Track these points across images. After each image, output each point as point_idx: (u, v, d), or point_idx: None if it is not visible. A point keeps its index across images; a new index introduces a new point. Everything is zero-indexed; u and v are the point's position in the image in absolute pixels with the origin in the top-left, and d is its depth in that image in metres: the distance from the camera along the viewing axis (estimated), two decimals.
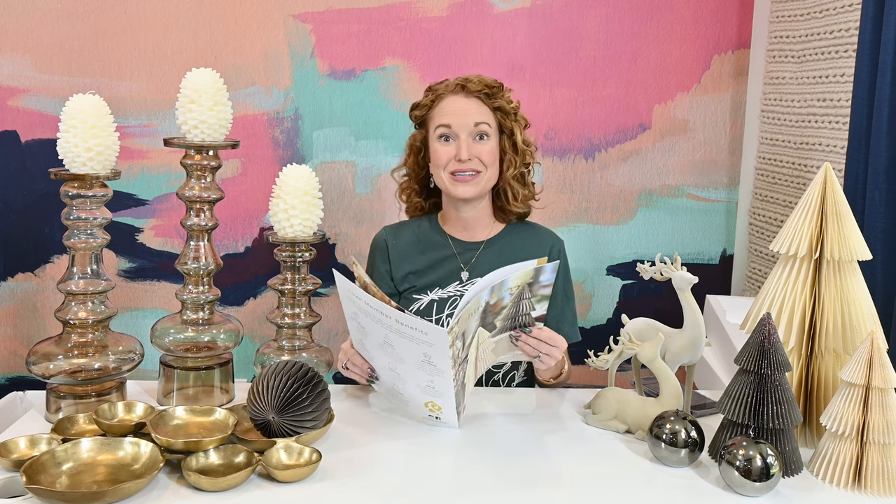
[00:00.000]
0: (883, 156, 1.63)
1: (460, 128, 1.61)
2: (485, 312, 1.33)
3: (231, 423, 1.28)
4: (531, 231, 1.75)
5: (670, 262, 1.40)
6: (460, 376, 1.33)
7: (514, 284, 1.34)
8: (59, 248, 2.27)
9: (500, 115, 1.65)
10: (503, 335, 1.41)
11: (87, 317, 1.44)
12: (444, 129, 1.62)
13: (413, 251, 1.71)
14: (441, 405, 1.35)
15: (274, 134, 2.31)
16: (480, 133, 1.62)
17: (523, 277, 1.34)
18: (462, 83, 1.63)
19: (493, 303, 1.33)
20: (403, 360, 1.32)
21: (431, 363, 1.28)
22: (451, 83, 1.65)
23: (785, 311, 1.34)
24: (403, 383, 1.36)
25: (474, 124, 1.61)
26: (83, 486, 1.13)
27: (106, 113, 1.42)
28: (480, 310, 1.31)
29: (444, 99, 1.64)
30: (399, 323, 1.26)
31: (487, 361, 1.44)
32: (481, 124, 1.62)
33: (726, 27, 2.35)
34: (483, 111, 1.63)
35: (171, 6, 2.23)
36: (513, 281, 1.33)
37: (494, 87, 1.64)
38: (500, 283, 1.31)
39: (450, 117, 1.62)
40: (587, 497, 1.17)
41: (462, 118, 1.61)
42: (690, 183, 2.42)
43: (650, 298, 2.44)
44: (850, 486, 1.21)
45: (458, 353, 1.29)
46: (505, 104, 1.65)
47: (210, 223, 1.53)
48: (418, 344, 1.27)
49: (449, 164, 1.62)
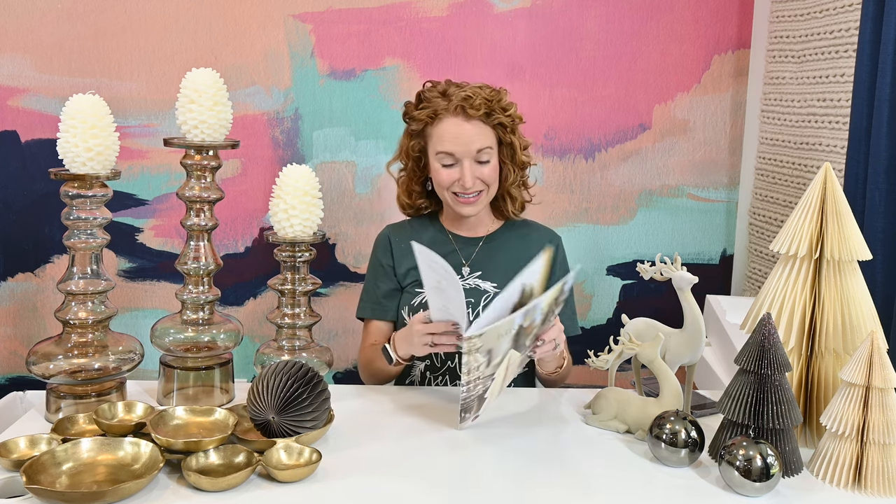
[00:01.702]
0: (883, 156, 1.63)
1: (463, 155, 1.60)
2: (518, 335, 1.34)
3: (231, 423, 1.28)
4: (529, 227, 1.77)
5: (670, 262, 1.40)
6: (479, 388, 1.34)
7: (545, 305, 1.34)
8: (59, 248, 2.27)
9: (500, 131, 1.64)
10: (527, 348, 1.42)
11: (87, 317, 1.43)
12: (446, 157, 1.62)
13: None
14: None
15: (274, 134, 2.31)
16: (482, 159, 1.62)
17: (553, 296, 1.35)
18: (463, 104, 1.59)
19: (527, 326, 1.34)
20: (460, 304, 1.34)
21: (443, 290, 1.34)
22: (452, 103, 1.59)
23: (785, 311, 1.34)
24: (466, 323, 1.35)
25: (476, 151, 1.61)
26: (83, 486, 1.13)
27: (106, 113, 1.42)
28: (513, 332, 1.31)
29: (443, 120, 1.61)
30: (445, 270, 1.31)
31: (512, 374, 1.45)
32: (483, 150, 1.61)
33: (726, 27, 2.35)
34: (484, 133, 1.61)
35: (171, 6, 2.23)
36: (544, 302, 1.33)
37: (493, 100, 1.61)
38: (533, 307, 1.31)
39: (452, 145, 1.60)
40: (587, 497, 1.17)
41: (465, 146, 1.60)
42: (690, 183, 2.42)
43: (650, 298, 2.44)
44: (850, 486, 1.21)
45: (479, 366, 1.30)
46: (504, 118, 1.62)
47: (210, 223, 1.53)
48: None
49: (453, 186, 1.63)
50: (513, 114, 1.65)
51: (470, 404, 1.35)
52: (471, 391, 1.32)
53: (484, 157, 1.62)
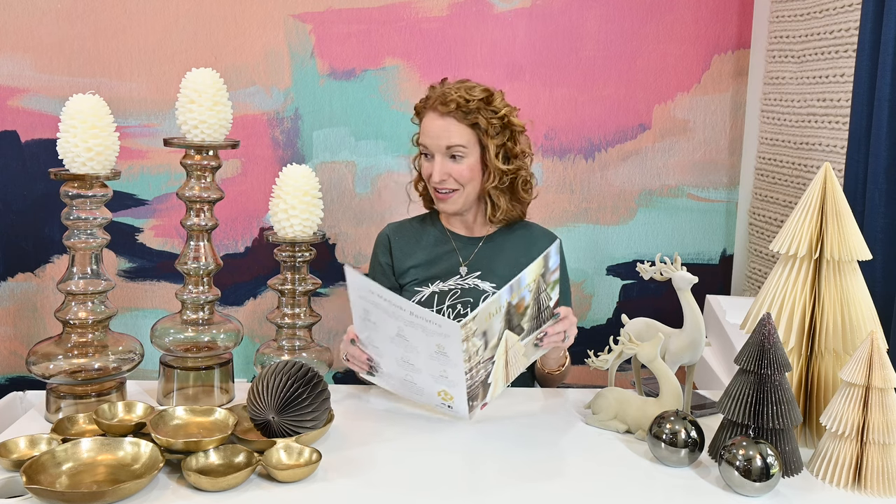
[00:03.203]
0: (883, 156, 1.63)
1: (434, 149, 1.64)
2: (510, 315, 1.35)
3: (231, 423, 1.28)
4: (528, 229, 1.78)
5: (670, 262, 1.40)
6: (481, 373, 1.35)
7: (530, 280, 1.36)
8: (59, 248, 2.27)
9: (478, 131, 1.63)
10: (530, 337, 1.43)
11: (87, 317, 1.43)
12: (423, 148, 1.67)
13: (415, 247, 1.74)
14: (453, 394, 1.37)
15: (274, 134, 2.31)
16: (453, 154, 1.63)
17: (536, 270, 1.37)
18: (440, 99, 1.61)
19: (516, 303, 1.35)
20: (417, 351, 1.34)
21: (445, 354, 1.30)
22: (434, 97, 1.63)
23: (785, 311, 1.34)
24: (418, 373, 1.38)
25: (446, 147, 1.62)
26: (83, 486, 1.13)
27: (106, 113, 1.42)
28: (503, 310, 1.33)
29: (426, 115, 1.66)
30: (414, 315, 1.29)
31: (520, 366, 1.45)
32: (453, 147, 1.62)
33: (726, 27, 2.35)
34: (458, 131, 1.61)
35: (171, 6, 2.23)
36: (528, 277, 1.35)
37: (472, 100, 1.60)
38: (517, 281, 1.34)
39: (426, 138, 1.65)
40: (587, 497, 1.17)
41: (435, 140, 1.63)
42: (690, 183, 2.42)
43: (650, 298, 2.44)
44: (850, 486, 1.21)
45: (477, 350, 1.31)
46: (483, 120, 1.61)
47: (210, 223, 1.53)
48: (432, 335, 1.29)
49: (429, 180, 1.67)
50: (504, 117, 1.63)
51: (475, 391, 1.36)
52: (474, 378, 1.34)
53: (456, 154, 1.63)
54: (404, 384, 1.44)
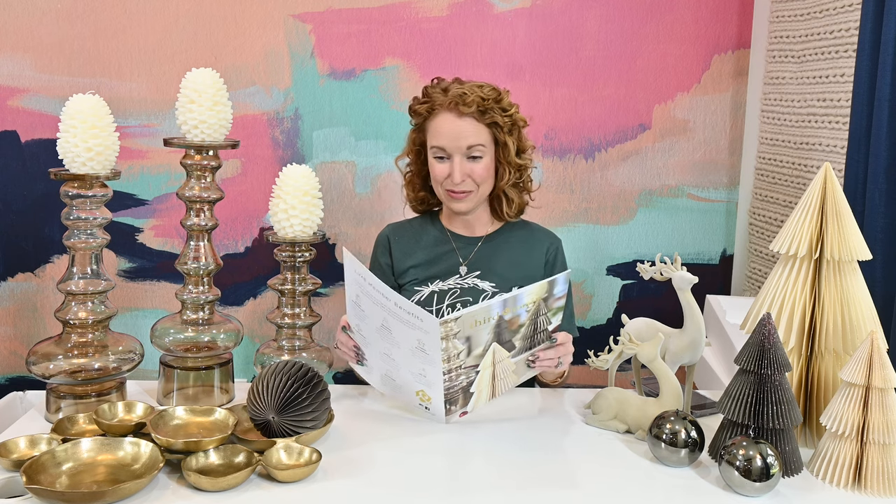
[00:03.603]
0: (883, 156, 1.63)
1: (453, 150, 1.62)
2: (500, 328, 1.34)
3: (231, 423, 1.28)
4: (528, 229, 1.77)
5: (670, 262, 1.40)
6: (462, 379, 1.35)
7: (529, 300, 1.35)
8: (59, 248, 2.27)
9: (495, 130, 1.64)
10: (522, 356, 1.42)
11: (87, 317, 1.44)
12: (438, 150, 1.64)
13: (415, 246, 1.74)
14: (431, 395, 1.37)
15: (274, 134, 2.31)
16: (473, 154, 1.62)
17: (538, 292, 1.36)
18: (457, 100, 1.59)
19: (509, 319, 1.35)
20: (399, 345, 1.34)
21: (424, 351, 1.30)
22: (447, 97, 1.61)
23: (785, 311, 1.34)
24: (397, 369, 1.38)
25: (467, 147, 1.61)
26: (83, 486, 1.13)
27: (106, 113, 1.42)
28: (493, 322, 1.32)
29: (438, 115, 1.63)
30: (397, 306, 1.29)
31: (509, 382, 1.45)
32: (474, 147, 1.61)
33: (726, 27, 2.35)
34: (477, 131, 1.61)
35: (171, 6, 2.23)
36: (527, 297, 1.34)
37: (488, 99, 1.61)
38: (513, 298, 1.33)
39: (443, 139, 1.62)
40: (587, 497, 1.17)
41: (455, 141, 1.61)
42: (690, 183, 2.42)
43: (650, 298, 2.44)
44: (850, 486, 1.21)
45: (459, 353, 1.31)
46: (500, 118, 1.62)
47: (210, 223, 1.53)
48: (413, 329, 1.29)
49: (445, 182, 1.64)
50: (513, 115, 1.65)
51: (455, 396, 1.36)
52: (453, 381, 1.34)
53: (475, 154, 1.62)
54: (385, 380, 1.44)
